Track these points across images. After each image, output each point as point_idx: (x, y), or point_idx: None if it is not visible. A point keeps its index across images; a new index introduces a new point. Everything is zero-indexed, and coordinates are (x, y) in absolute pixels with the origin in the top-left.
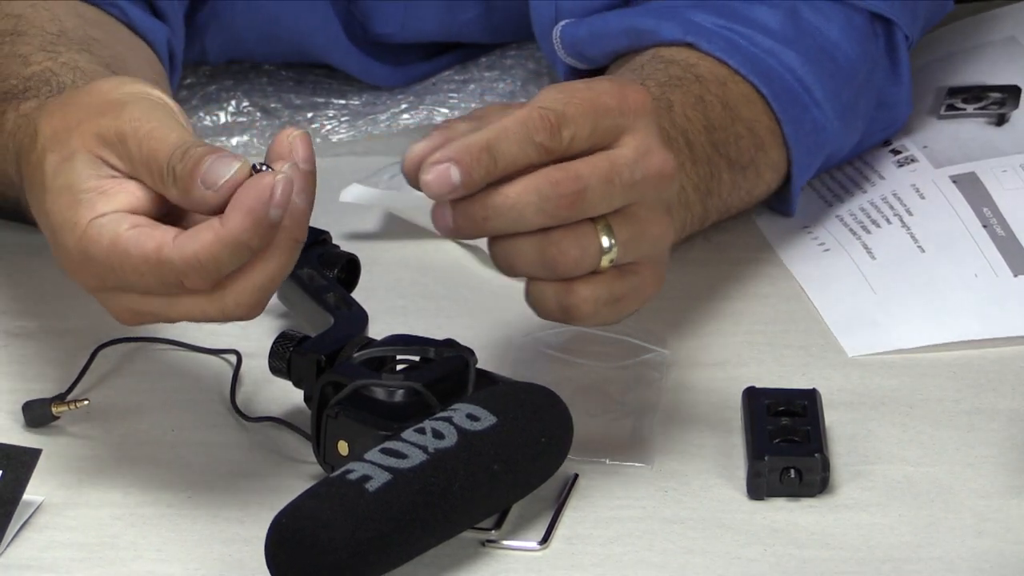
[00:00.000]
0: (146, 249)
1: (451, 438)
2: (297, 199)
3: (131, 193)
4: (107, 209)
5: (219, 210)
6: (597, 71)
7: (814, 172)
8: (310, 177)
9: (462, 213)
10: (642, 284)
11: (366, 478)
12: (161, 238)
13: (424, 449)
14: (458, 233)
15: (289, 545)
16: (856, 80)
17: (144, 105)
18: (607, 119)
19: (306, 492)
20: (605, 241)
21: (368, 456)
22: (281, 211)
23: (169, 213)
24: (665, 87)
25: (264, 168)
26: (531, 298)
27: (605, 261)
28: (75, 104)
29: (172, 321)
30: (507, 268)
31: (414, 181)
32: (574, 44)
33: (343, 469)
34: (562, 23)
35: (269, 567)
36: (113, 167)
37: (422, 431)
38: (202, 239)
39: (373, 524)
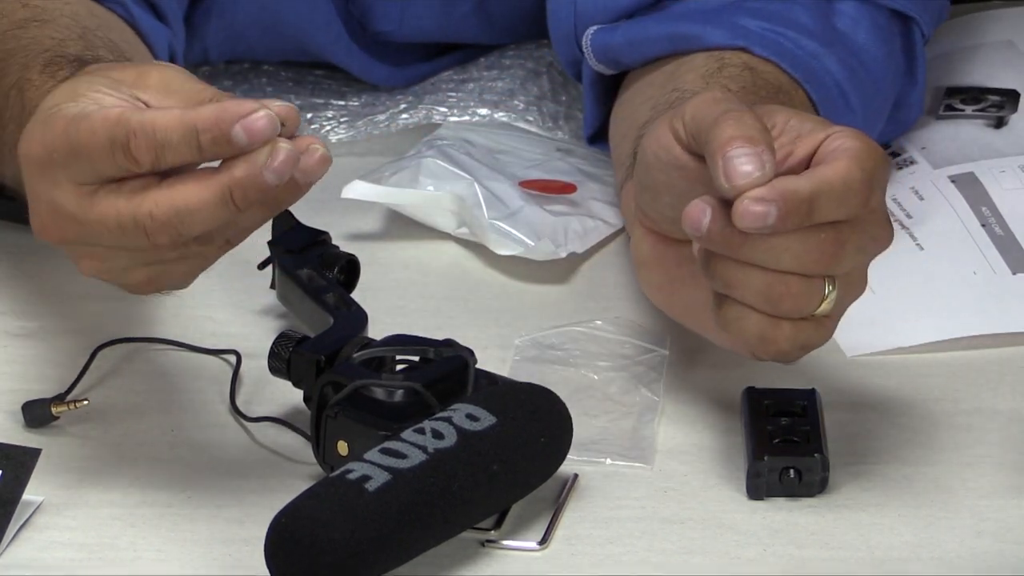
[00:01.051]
0: (108, 112)
1: (451, 438)
2: (271, 169)
3: (125, 105)
4: (92, 101)
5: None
6: (619, 74)
7: None
8: (294, 179)
9: (721, 230)
10: (825, 334)
11: (365, 478)
12: (128, 107)
13: (424, 449)
14: (702, 238)
15: (289, 545)
16: (883, 84)
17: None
18: (886, 185)
19: (306, 492)
20: (827, 290)
21: (368, 456)
22: (245, 140)
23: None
24: (750, 95)
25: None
26: (727, 317)
27: (823, 308)
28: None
29: (89, 226)
30: (722, 285)
31: (731, 192)
32: (606, 51)
33: (343, 469)
34: (592, 30)
35: (269, 567)
36: (136, 97)
37: (422, 431)
38: (165, 112)
39: (373, 524)
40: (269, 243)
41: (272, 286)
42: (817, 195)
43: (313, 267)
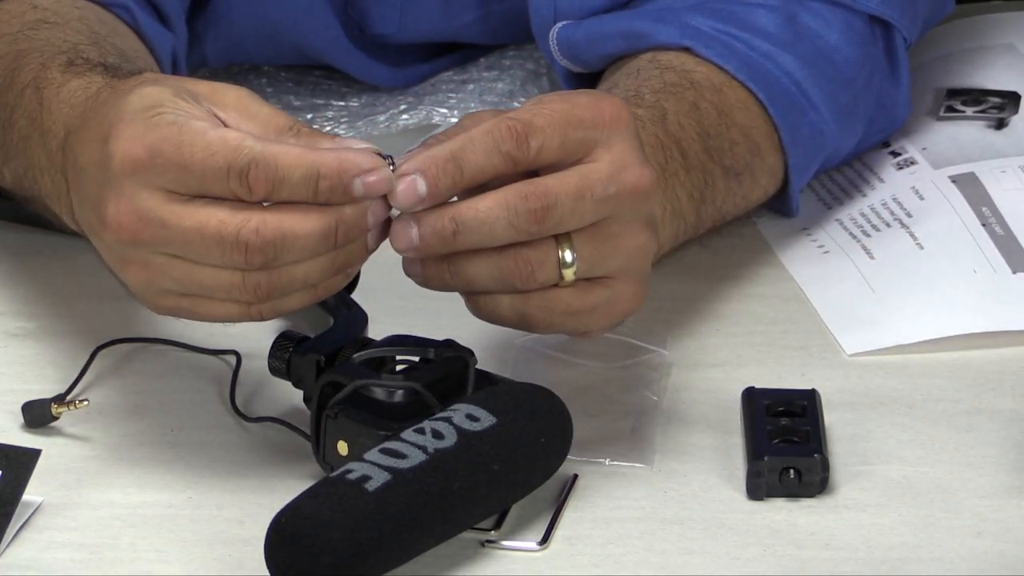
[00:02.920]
0: (228, 135)
1: (451, 438)
2: (372, 213)
3: (217, 123)
4: (183, 112)
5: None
6: (595, 74)
7: (813, 174)
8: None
9: (431, 228)
10: (614, 297)
11: (365, 478)
12: (246, 134)
13: (424, 449)
14: (425, 250)
15: (289, 545)
16: (856, 83)
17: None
18: (578, 131)
19: (306, 492)
20: (568, 256)
21: (368, 456)
22: (363, 193)
23: None
24: (659, 94)
25: (389, 160)
26: (484, 311)
27: (568, 275)
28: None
29: (181, 233)
30: (465, 285)
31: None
32: (570, 47)
33: (343, 469)
34: (559, 25)
35: (269, 567)
36: (213, 113)
37: (422, 431)
38: (287, 148)
39: (372, 524)
40: None
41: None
42: (460, 151)
43: None
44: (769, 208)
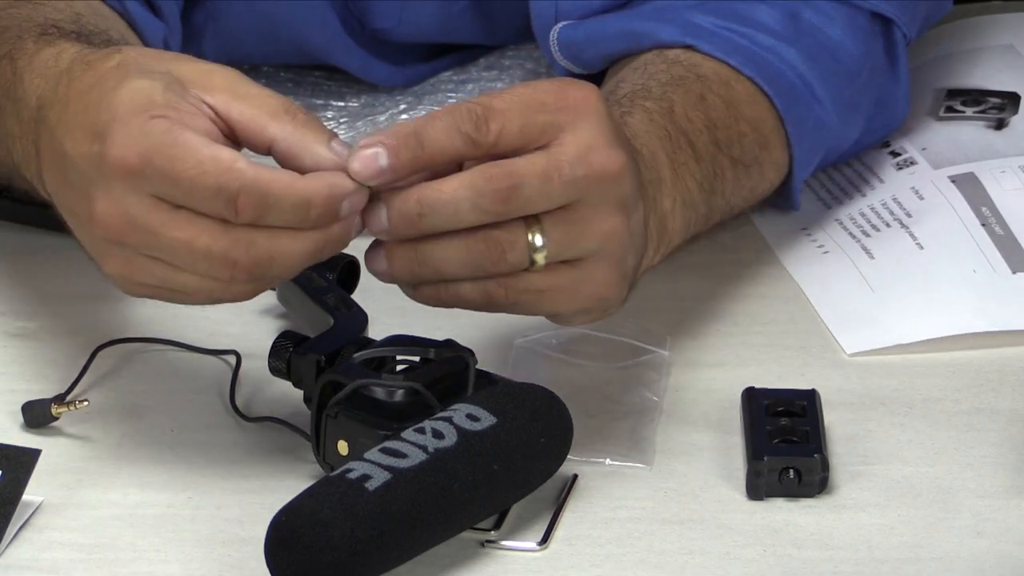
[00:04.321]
0: (220, 154)
1: (451, 438)
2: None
3: (209, 125)
4: (174, 111)
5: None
6: (595, 75)
7: (814, 168)
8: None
9: (397, 211)
10: (582, 279)
11: (366, 477)
12: (238, 154)
13: (424, 449)
14: (395, 232)
15: (289, 545)
16: (858, 79)
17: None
18: (540, 115)
19: (305, 491)
20: (538, 239)
21: (368, 456)
22: (349, 213)
23: None
24: (667, 87)
25: None
26: (452, 297)
27: (539, 258)
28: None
29: (168, 241)
30: (433, 272)
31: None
32: (570, 47)
33: (343, 468)
34: (559, 25)
35: (269, 567)
36: (202, 100)
37: (422, 431)
38: (277, 175)
39: (372, 523)
40: None
41: (272, 287)
42: (422, 127)
43: (313, 268)
44: (771, 204)
